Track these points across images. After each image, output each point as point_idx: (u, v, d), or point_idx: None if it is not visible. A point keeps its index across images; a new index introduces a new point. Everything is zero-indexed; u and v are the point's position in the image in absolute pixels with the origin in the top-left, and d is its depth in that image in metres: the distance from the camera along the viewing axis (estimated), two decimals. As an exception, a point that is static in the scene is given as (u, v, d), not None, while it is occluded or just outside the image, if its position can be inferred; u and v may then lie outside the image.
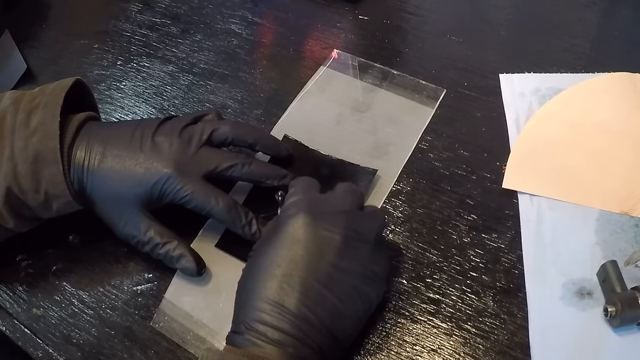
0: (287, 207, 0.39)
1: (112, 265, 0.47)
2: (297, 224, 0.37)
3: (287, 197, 0.41)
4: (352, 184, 0.43)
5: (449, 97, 0.54)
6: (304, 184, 0.42)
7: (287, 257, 0.36)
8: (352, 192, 0.41)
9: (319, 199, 0.40)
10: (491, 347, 0.40)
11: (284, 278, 0.36)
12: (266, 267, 0.37)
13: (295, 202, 0.39)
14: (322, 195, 0.41)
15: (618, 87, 0.52)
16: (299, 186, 0.41)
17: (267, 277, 0.36)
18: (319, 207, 0.39)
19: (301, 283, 0.35)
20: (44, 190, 0.41)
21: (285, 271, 0.36)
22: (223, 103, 0.57)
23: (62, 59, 0.64)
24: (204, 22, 0.66)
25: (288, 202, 0.40)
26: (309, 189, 0.41)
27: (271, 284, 0.36)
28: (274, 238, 0.38)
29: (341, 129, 0.53)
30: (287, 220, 0.38)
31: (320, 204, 0.39)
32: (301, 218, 0.38)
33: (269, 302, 0.35)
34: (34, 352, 0.43)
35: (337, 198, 0.40)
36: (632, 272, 0.41)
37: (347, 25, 0.63)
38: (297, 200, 0.39)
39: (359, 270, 0.37)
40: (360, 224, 0.39)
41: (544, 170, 0.47)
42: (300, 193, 0.40)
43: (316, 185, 0.42)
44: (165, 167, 0.42)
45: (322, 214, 0.38)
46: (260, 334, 0.35)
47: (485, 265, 0.43)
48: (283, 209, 0.40)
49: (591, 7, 0.60)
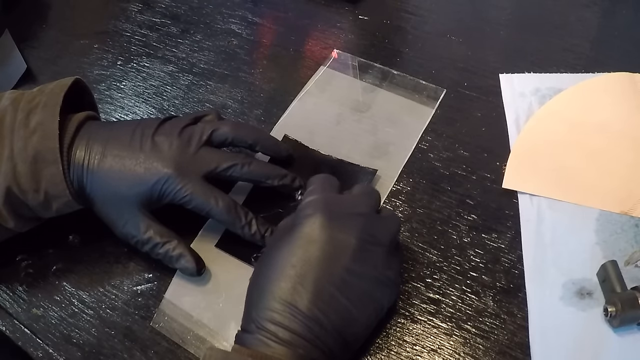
0: (304, 206, 0.39)
1: (112, 265, 0.47)
2: (314, 225, 0.37)
3: (305, 195, 0.40)
4: (370, 186, 0.42)
5: (449, 97, 0.54)
6: (323, 183, 0.41)
7: (302, 258, 0.36)
8: (369, 195, 0.41)
9: (336, 199, 0.40)
10: (491, 347, 0.40)
11: (298, 279, 0.35)
12: (280, 267, 0.36)
13: (313, 202, 0.39)
14: (340, 196, 0.40)
15: (618, 87, 0.52)
16: (317, 185, 0.41)
17: (281, 276, 0.36)
18: (336, 208, 0.38)
19: (315, 285, 0.35)
20: (44, 190, 0.41)
21: (300, 272, 0.36)
22: (223, 103, 0.57)
23: (62, 59, 0.64)
24: (204, 22, 0.66)
25: (305, 200, 0.39)
26: (327, 188, 0.41)
27: (285, 284, 0.36)
28: (290, 237, 0.38)
29: (341, 129, 0.53)
30: (304, 220, 0.38)
31: (337, 204, 0.39)
32: (318, 219, 0.37)
33: (282, 302, 0.35)
34: (34, 352, 0.43)
35: (354, 200, 0.40)
36: (632, 272, 0.41)
37: (347, 25, 0.63)
38: (315, 200, 0.39)
39: (372, 275, 0.37)
40: (376, 228, 0.39)
41: (543, 170, 0.47)
42: (318, 192, 0.40)
43: (335, 184, 0.42)
44: (165, 167, 0.42)
45: (339, 216, 0.38)
46: (271, 334, 0.35)
47: (485, 265, 0.43)
48: (300, 207, 0.39)
49: (591, 7, 0.60)
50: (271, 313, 0.35)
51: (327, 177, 0.42)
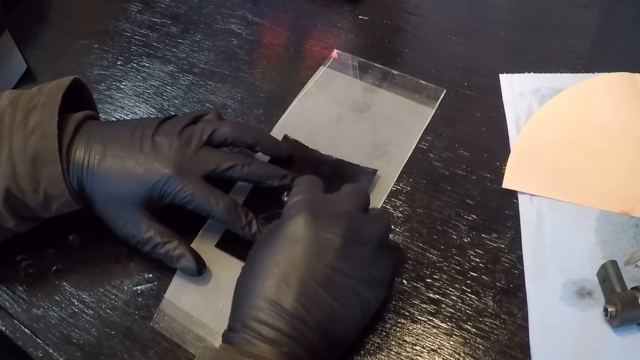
0: (289, 207, 0.39)
1: (112, 265, 0.47)
2: (297, 224, 0.37)
3: (290, 196, 0.40)
4: (359, 185, 0.42)
5: (449, 97, 0.54)
6: (307, 184, 0.41)
7: (286, 257, 0.36)
8: (357, 194, 0.41)
9: (321, 199, 0.40)
10: (491, 347, 0.40)
11: (282, 277, 0.36)
12: (265, 266, 0.37)
13: (297, 202, 0.39)
14: (326, 196, 0.41)
15: (618, 87, 0.52)
16: (302, 186, 0.41)
17: (266, 275, 0.36)
18: (321, 208, 0.39)
19: (299, 283, 0.35)
20: (43, 190, 0.41)
21: (284, 270, 0.36)
22: (223, 103, 0.57)
23: (62, 59, 0.64)
24: (204, 22, 0.66)
25: (290, 201, 0.40)
26: (312, 188, 0.41)
27: (269, 283, 0.36)
28: (274, 237, 0.38)
29: (341, 129, 0.53)
30: (288, 220, 0.38)
31: (322, 204, 0.39)
32: (302, 218, 0.38)
33: (266, 301, 0.35)
34: (34, 352, 0.43)
35: (340, 199, 0.40)
36: (632, 272, 0.41)
37: (347, 25, 0.63)
38: (299, 200, 0.39)
39: (358, 273, 0.37)
40: (363, 226, 0.39)
41: (544, 170, 0.47)
42: (302, 193, 0.40)
43: (320, 185, 0.42)
44: (165, 167, 0.42)
45: (324, 215, 0.38)
46: (256, 332, 0.35)
47: (485, 265, 0.43)
48: (285, 208, 0.40)
49: (591, 7, 0.60)
50: (256, 311, 0.35)
51: (312, 178, 0.42)
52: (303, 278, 0.36)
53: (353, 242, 0.37)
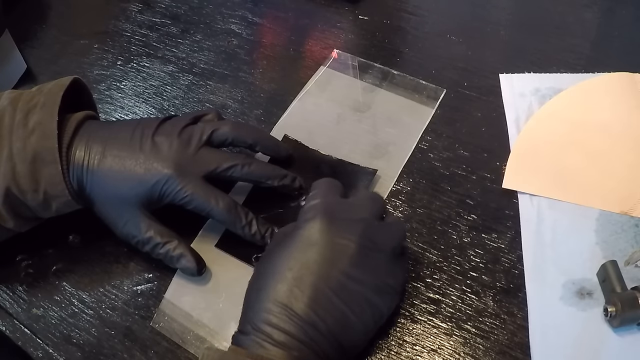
0: (306, 210, 0.39)
1: (112, 265, 0.47)
2: (313, 229, 0.37)
3: (308, 199, 0.40)
4: (376, 192, 0.42)
5: (449, 97, 0.54)
6: (326, 187, 0.41)
7: (300, 261, 0.36)
8: (373, 200, 0.41)
9: (338, 204, 0.40)
10: (491, 347, 0.40)
11: (294, 281, 0.35)
12: (278, 269, 0.36)
13: (315, 206, 0.39)
14: (343, 200, 0.40)
15: (618, 87, 0.52)
16: (321, 189, 0.41)
17: (278, 279, 0.36)
18: (336, 213, 0.38)
19: (312, 288, 0.35)
20: (43, 190, 0.41)
21: (297, 274, 0.36)
22: (223, 103, 0.57)
23: (62, 59, 0.64)
24: (204, 22, 0.66)
25: (308, 205, 0.39)
26: (330, 192, 0.41)
27: (281, 287, 0.35)
28: (289, 240, 0.38)
29: (341, 129, 0.53)
30: (304, 224, 0.38)
31: (338, 209, 0.39)
32: (318, 223, 0.37)
33: (278, 305, 0.35)
34: (34, 352, 0.43)
35: (357, 205, 0.40)
36: (632, 272, 0.41)
37: (347, 25, 0.63)
38: (316, 204, 0.39)
39: (371, 281, 0.37)
40: (378, 234, 0.38)
41: (543, 170, 0.47)
42: (320, 196, 0.40)
43: (338, 188, 0.41)
44: (165, 167, 0.42)
45: (340, 220, 0.38)
46: (267, 336, 0.34)
47: (485, 265, 0.43)
48: (302, 211, 0.39)
49: (591, 7, 0.60)
50: (267, 315, 0.35)
51: (331, 181, 0.42)
52: (316, 283, 0.35)
53: (367, 250, 0.37)
